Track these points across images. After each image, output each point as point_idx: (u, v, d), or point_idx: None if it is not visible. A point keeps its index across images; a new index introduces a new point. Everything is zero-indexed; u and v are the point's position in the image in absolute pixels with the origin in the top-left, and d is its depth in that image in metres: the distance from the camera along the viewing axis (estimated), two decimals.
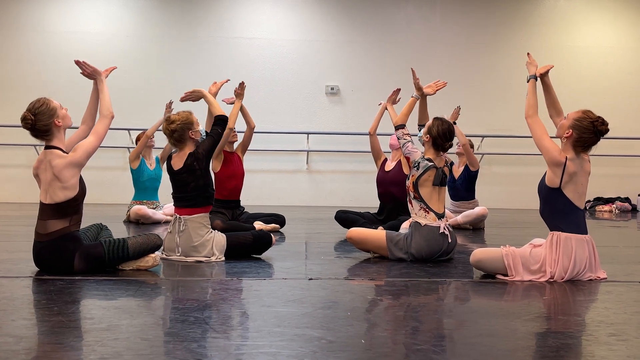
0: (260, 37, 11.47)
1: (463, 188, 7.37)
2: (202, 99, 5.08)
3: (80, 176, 3.86)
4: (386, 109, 6.21)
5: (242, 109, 6.45)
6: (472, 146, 7.57)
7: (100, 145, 4.08)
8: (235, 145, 6.66)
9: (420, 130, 5.04)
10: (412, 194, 4.66)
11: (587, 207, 11.43)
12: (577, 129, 3.86)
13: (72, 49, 11.16)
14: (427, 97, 5.21)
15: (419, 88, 5.14)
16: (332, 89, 11.53)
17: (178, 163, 4.50)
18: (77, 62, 4.32)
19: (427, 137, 4.77)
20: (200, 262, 4.37)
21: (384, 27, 11.63)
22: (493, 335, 2.67)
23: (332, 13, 11.60)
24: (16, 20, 11.15)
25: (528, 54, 4.39)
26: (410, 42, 11.63)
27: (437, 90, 5.22)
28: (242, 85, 6.25)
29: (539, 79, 4.22)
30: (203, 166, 4.47)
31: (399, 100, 6.22)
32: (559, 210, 3.85)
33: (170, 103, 7.40)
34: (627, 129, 11.78)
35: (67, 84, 11.07)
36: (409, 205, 4.72)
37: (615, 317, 3.00)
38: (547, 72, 4.24)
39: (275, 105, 11.44)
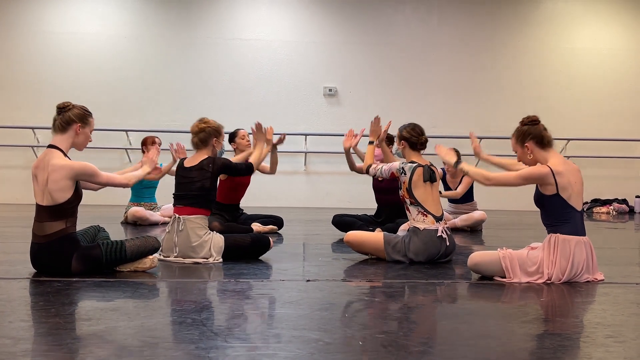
0: (258, 39, 11.47)
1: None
2: (261, 143, 5.03)
3: (77, 185, 3.83)
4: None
5: (272, 156, 6.02)
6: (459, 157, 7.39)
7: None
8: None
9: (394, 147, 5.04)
10: (408, 201, 4.66)
11: (585, 209, 11.45)
12: (521, 138, 3.96)
13: (71, 49, 11.17)
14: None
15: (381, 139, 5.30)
16: (329, 90, 11.53)
17: (192, 162, 4.56)
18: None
19: (402, 144, 4.84)
20: (198, 263, 4.37)
21: (382, 28, 11.64)
22: (490, 337, 2.67)
23: (330, 15, 11.61)
24: (14, 20, 11.14)
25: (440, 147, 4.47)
26: (407, 44, 11.64)
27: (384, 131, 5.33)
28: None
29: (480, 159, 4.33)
30: (214, 172, 4.51)
31: (385, 130, 5.52)
32: (559, 214, 3.85)
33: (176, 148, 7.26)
34: (624, 130, 11.81)
35: (65, 85, 11.07)
36: (407, 212, 4.72)
37: (613, 319, 3.00)
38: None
39: (273, 106, 11.43)
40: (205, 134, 4.58)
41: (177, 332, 2.60)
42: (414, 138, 4.76)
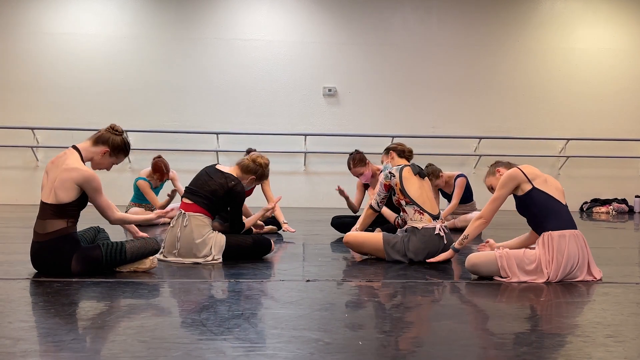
0: (258, 39, 11.47)
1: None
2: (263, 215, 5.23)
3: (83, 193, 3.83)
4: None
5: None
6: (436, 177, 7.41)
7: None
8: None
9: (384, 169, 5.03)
10: (403, 202, 4.67)
11: (584, 209, 11.45)
12: (491, 171, 4.36)
13: (70, 49, 11.17)
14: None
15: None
16: (329, 90, 11.53)
17: (224, 168, 4.63)
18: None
19: (390, 155, 4.99)
20: (198, 263, 4.38)
21: (381, 29, 11.64)
22: (489, 337, 2.68)
23: (329, 15, 11.61)
24: (13, 21, 11.14)
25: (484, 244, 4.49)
26: (406, 44, 11.65)
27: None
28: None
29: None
30: (226, 193, 4.50)
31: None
32: (543, 209, 3.89)
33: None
34: (624, 130, 11.82)
35: (65, 85, 11.07)
36: (404, 214, 4.73)
37: (612, 319, 3.00)
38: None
39: (272, 106, 11.44)
40: (252, 168, 4.70)
41: (177, 332, 2.60)
42: (400, 147, 5.01)
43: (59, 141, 10.73)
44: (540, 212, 3.90)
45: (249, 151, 4.71)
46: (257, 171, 4.73)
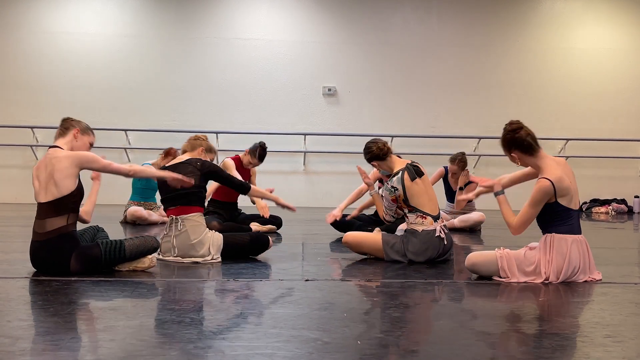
0: (258, 38, 11.47)
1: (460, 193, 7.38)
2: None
3: (79, 179, 3.86)
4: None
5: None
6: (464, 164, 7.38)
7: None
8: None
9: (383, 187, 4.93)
10: (406, 210, 4.65)
11: (584, 209, 11.45)
12: (506, 148, 3.94)
13: (70, 49, 11.17)
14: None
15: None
16: (329, 90, 11.53)
17: (176, 161, 4.56)
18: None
19: (375, 163, 4.82)
20: (197, 262, 4.37)
21: (381, 28, 11.64)
22: (488, 337, 2.68)
23: (329, 14, 11.61)
24: (13, 20, 11.14)
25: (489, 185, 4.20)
26: (406, 44, 11.65)
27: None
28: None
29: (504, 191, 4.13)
30: (203, 172, 4.47)
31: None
32: (556, 216, 3.85)
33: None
34: (623, 130, 11.82)
35: (65, 84, 11.07)
36: (406, 219, 4.71)
37: (611, 319, 3.00)
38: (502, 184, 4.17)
39: (272, 106, 11.44)
40: (195, 147, 4.71)
41: (176, 331, 2.60)
42: (385, 148, 4.77)
43: None
44: (551, 217, 3.87)
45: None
46: (202, 144, 4.73)
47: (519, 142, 3.89)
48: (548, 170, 3.82)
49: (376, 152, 4.77)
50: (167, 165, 4.57)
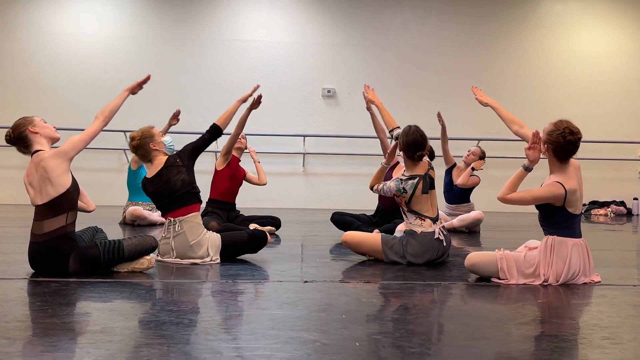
0: (257, 40, 11.47)
1: (459, 192, 7.39)
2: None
3: (71, 173, 3.86)
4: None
5: (257, 166, 7.03)
6: (483, 157, 7.58)
7: (92, 144, 4.10)
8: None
9: (391, 137, 5.01)
10: (405, 209, 4.66)
11: (583, 211, 11.46)
12: (551, 143, 3.85)
13: (69, 49, 11.16)
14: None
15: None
16: (328, 91, 11.53)
17: (153, 170, 4.49)
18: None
19: (402, 155, 4.82)
20: (196, 264, 4.36)
21: (380, 29, 11.64)
22: (487, 339, 2.68)
23: (329, 16, 11.61)
24: (13, 21, 11.13)
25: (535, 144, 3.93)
26: (406, 45, 11.65)
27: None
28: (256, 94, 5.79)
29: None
30: (186, 163, 4.48)
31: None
32: (559, 220, 3.86)
33: (178, 112, 7.47)
34: (622, 132, 11.83)
35: (64, 85, 11.07)
36: (404, 216, 4.72)
37: (610, 321, 3.00)
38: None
39: (271, 107, 11.42)
40: (142, 147, 4.55)
41: (174, 332, 2.59)
42: (409, 152, 4.68)
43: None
44: (554, 221, 3.88)
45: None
46: (146, 140, 4.56)
47: (558, 146, 3.83)
48: (566, 178, 3.81)
49: (403, 145, 4.68)
50: (150, 177, 4.50)
